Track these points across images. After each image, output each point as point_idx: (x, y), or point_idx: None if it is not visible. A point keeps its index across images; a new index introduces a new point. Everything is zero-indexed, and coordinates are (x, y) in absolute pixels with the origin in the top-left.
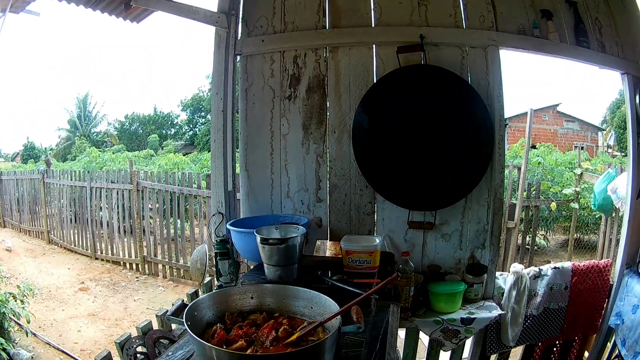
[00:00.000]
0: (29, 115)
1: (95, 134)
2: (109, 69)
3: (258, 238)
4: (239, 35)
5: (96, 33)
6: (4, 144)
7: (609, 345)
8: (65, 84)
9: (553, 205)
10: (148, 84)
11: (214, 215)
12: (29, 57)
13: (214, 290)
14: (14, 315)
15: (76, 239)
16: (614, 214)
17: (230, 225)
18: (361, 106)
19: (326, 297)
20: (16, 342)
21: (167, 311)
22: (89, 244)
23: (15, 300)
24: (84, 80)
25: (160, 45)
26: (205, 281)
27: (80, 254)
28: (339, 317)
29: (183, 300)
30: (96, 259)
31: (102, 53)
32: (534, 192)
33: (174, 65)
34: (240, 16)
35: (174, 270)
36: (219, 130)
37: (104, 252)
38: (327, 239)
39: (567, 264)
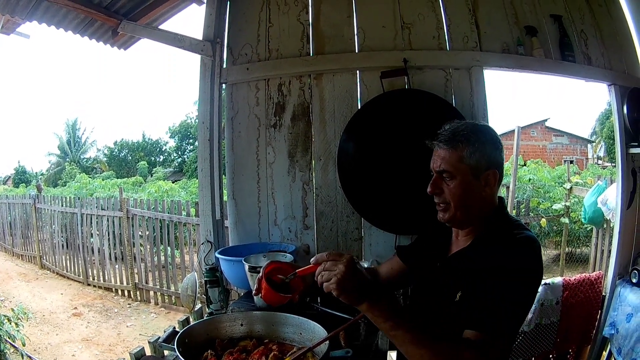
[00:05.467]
0: (20, 138)
1: (85, 159)
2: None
3: (246, 266)
4: (225, 63)
5: (84, 54)
6: None
7: (605, 354)
8: (52, 108)
9: (543, 221)
10: (136, 109)
11: (202, 243)
12: (19, 75)
13: (204, 318)
14: (9, 338)
15: (68, 264)
16: (605, 226)
17: (219, 253)
18: (346, 133)
19: (314, 322)
20: None
21: (159, 337)
22: (80, 270)
23: (10, 323)
24: (71, 102)
25: (148, 70)
26: (195, 308)
27: (72, 279)
28: (327, 342)
29: (174, 327)
30: (88, 284)
31: (91, 73)
32: (523, 210)
33: (162, 91)
34: (226, 44)
35: (166, 297)
36: (206, 160)
37: (95, 278)
38: None
39: (558, 280)
